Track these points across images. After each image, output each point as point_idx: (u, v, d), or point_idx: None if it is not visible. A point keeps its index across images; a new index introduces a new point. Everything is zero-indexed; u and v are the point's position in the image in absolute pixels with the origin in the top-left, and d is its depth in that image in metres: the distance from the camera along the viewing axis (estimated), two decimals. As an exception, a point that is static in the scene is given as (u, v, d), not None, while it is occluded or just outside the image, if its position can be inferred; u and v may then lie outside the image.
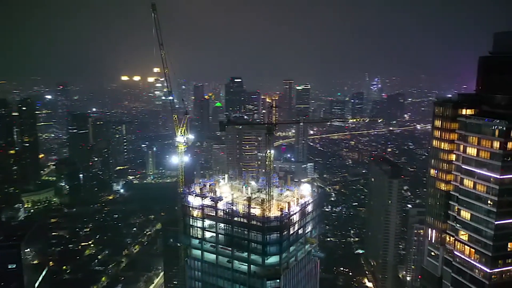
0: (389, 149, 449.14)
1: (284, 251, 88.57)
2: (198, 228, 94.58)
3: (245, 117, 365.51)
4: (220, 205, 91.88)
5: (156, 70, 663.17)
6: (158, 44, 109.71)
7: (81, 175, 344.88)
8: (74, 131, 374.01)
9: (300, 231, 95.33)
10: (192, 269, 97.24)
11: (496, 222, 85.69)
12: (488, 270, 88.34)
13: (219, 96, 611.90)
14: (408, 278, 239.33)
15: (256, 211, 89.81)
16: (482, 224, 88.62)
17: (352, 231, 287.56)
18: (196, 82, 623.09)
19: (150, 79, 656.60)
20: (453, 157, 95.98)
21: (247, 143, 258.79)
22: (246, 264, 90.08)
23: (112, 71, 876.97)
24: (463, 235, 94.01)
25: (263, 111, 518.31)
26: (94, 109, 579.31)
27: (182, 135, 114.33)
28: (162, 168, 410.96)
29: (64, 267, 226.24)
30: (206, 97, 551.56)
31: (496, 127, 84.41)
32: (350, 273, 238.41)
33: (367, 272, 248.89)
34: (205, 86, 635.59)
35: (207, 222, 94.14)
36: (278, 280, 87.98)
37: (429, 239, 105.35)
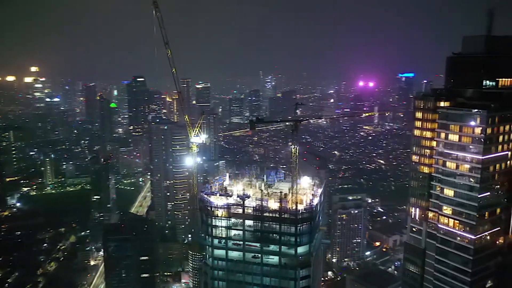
0: (290, 143, 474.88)
1: (312, 240, 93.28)
2: (222, 228, 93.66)
3: (163, 117, 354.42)
4: (246, 202, 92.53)
5: (34, 69, 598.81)
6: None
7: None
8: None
9: (318, 220, 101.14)
10: (215, 269, 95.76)
11: (479, 196, 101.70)
12: (472, 237, 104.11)
13: (111, 96, 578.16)
14: (334, 260, 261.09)
15: (274, 204, 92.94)
16: (466, 198, 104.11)
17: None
18: (83, 82, 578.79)
19: (28, 79, 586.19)
20: (434, 143, 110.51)
21: (177, 143, 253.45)
22: (274, 257, 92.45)
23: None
24: (447, 210, 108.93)
25: (164, 110, 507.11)
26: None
27: (198, 135, 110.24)
28: (62, 177, 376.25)
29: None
30: (99, 96, 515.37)
31: (477, 115, 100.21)
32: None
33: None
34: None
35: (231, 221, 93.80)
36: (309, 268, 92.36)
37: (412, 217, 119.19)
